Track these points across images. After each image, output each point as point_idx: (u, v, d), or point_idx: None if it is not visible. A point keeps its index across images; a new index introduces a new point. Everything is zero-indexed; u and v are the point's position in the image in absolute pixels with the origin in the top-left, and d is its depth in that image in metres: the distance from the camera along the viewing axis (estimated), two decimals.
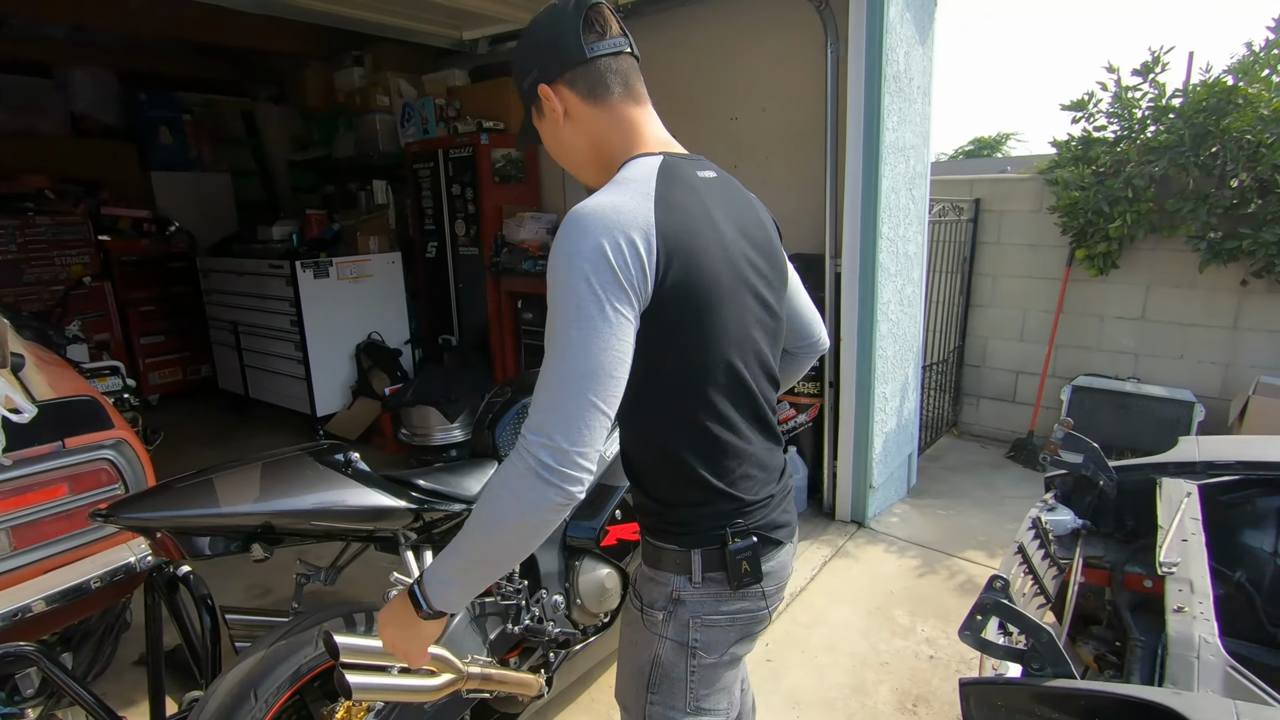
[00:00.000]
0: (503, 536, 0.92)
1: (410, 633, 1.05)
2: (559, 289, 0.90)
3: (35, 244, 5.07)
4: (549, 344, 0.91)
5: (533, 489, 0.87)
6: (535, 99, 1.05)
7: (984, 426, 4.94)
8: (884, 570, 3.00)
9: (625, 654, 1.17)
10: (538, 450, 0.87)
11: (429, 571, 1.00)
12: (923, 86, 3.29)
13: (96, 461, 1.66)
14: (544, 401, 0.89)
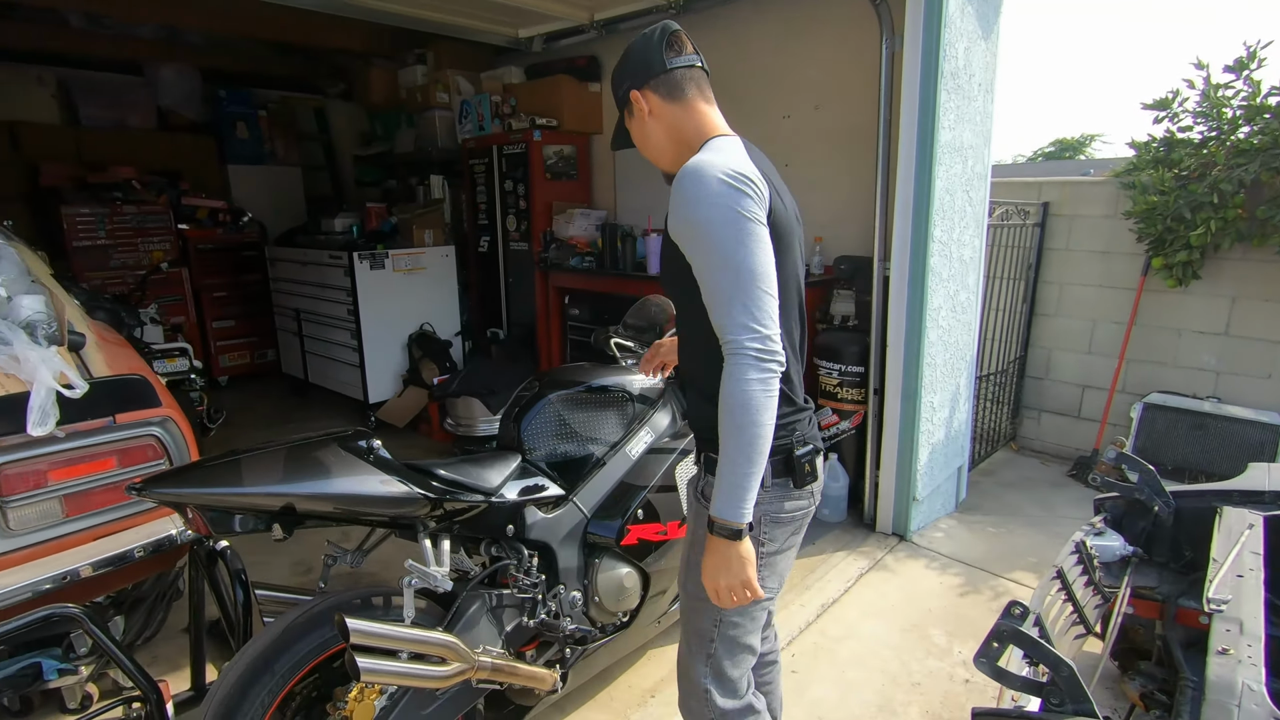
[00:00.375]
0: (759, 429, 1.12)
1: (738, 565, 1.18)
2: (704, 218, 1.12)
3: (122, 231, 5.41)
4: (710, 267, 1.13)
5: (760, 371, 1.11)
6: (628, 103, 1.34)
7: (1045, 442, 4.70)
8: (923, 586, 2.88)
9: (694, 547, 1.33)
10: (747, 342, 1.11)
11: (720, 505, 1.16)
12: (985, 84, 3.14)
13: (144, 437, 1.76)
14: (733, 305, 1.11)
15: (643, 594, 2.07)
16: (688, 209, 1.14)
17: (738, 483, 1.15)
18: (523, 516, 1.83)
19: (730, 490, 1.15)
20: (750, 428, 1.12)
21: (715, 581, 1.21)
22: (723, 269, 1.12)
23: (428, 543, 1.63)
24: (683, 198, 1.15)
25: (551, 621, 1.82)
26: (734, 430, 1.13)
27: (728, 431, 1.14)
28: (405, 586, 1.52)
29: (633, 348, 2.50)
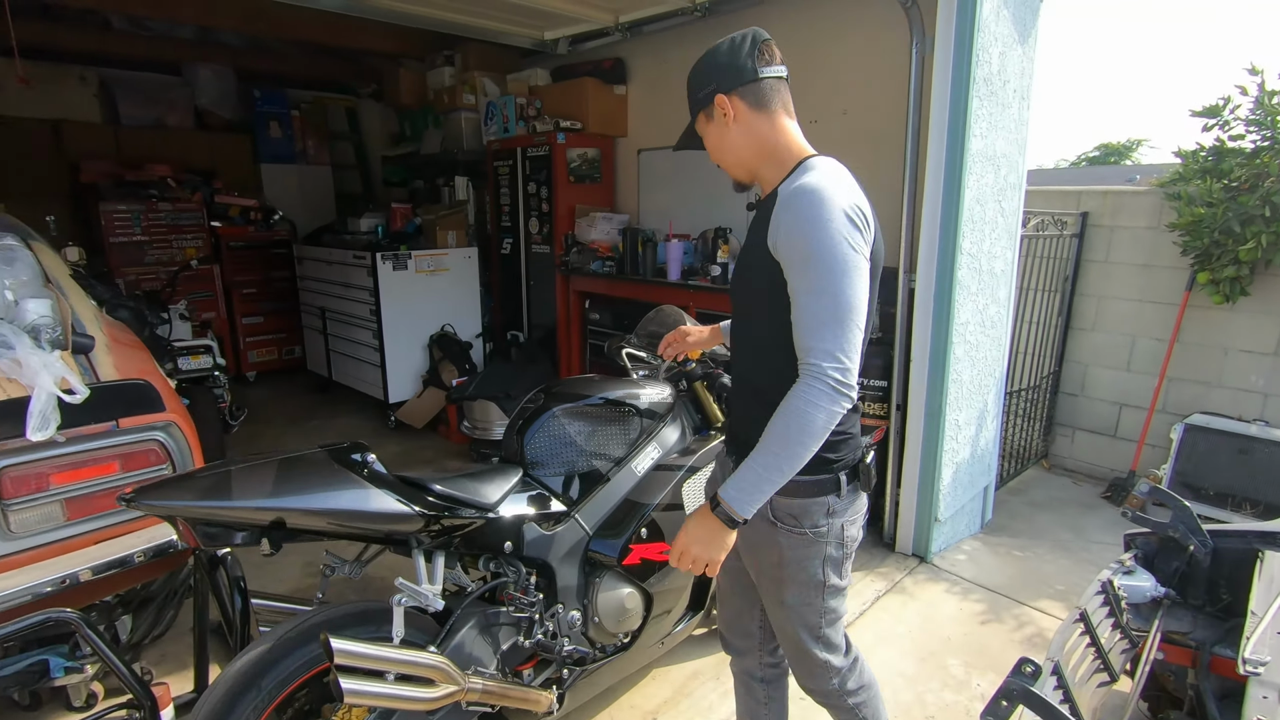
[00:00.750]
0: (806, 447, 1.20)
1: (717, 546, 1.28)
2: (817, 244, 1.16)
3: (156, 228, 5.54)
4: (811, 290, 1.18)
5: (833, 401, 1.17)
6: (708, 106, 1.33)
7: (1078, 461, 4.52)
8: (943, 612, 2.78)
9: (792, 570, 1.41)
10: (831, 370, 1.17)
11: (733, 491, 1.23)
12: (1020, 90, 3.02)
13: (147, 442, 1.76)
14: (828, 332, 1.17)
15: (645, 615, 2.01)
16: (805, 230, 1.18)
17: (761, 485, 1.23)
18: (522, 533, 1.79)
19: (752, 486, 1.23)
20: (799, 447, 1.20)
21: (690, 548, 1.29)
22: (823, 295, 1.17)
23: (421, 559, 1.60)
24: (800, 218, 1.18)
25: (548, 642, 1.78)
26: (783, 442, 1.20)
27: (777, 439, 1.20)
28: (395, 605, 1.49)
29: (645, 358, 2.44)
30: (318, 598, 1.77)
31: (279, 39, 5.71)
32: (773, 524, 1.39)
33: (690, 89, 1.36)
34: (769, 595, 1.48)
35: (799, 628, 1.46)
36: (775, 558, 1.41)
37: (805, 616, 1.45)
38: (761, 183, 1.39)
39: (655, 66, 4.49)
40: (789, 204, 1.20)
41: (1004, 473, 4.17)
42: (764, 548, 1.43)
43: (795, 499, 1.36)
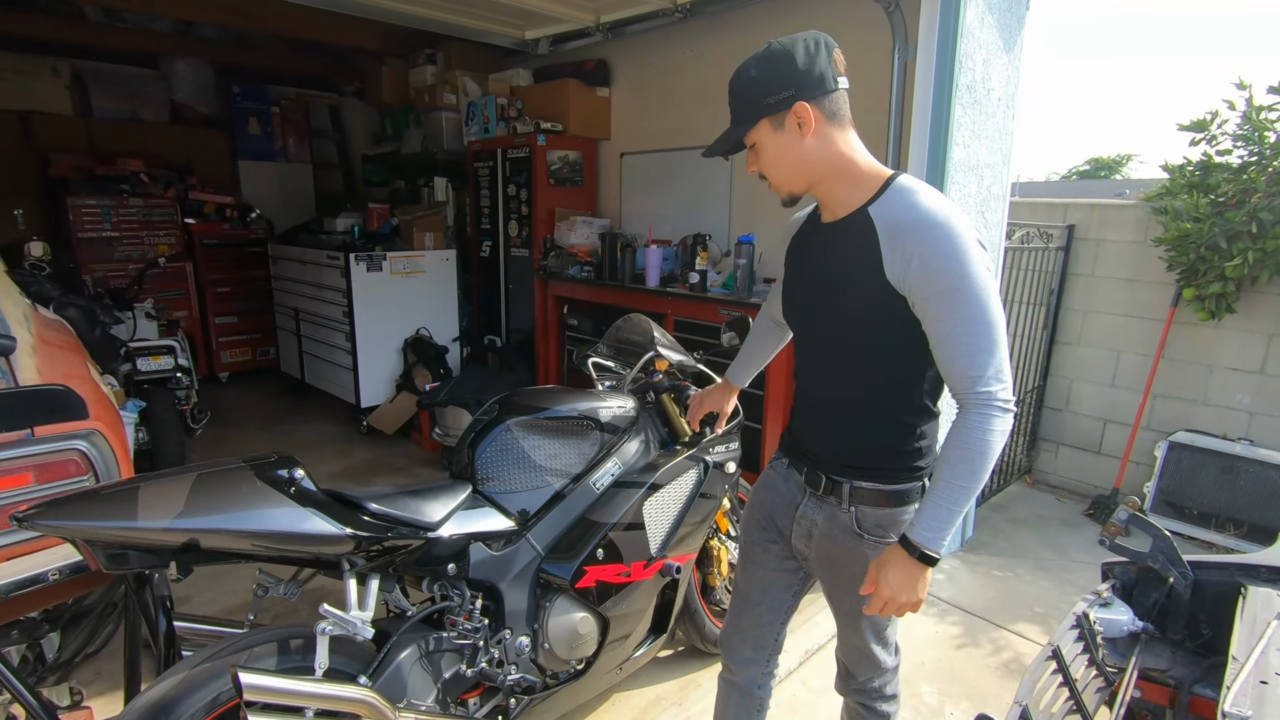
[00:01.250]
0: (987, 471, 1.21)
1: (920, 587, 1.27)
2: (963, 277, 1.16)
3: (128, 224, 5.40)
4: (964, 320, 1.17)
5: (1005, 422, 1.19)
6: (781, 112, 1.24)
7: (1062, 477, 4.46)
8: (916, 635, 2.68)
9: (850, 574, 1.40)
10: (999, 393, 1.18)
11: (926, 532, 1.23)
12: (1005, 99, 2.95)
13: (66, 452, 1.64)
14: (988, 359, 1.17)
15: (600, 640, 1.91)
16: (948, 263, 1.16)
17: (950, 518, 1.23)
18: (467, 554, 1.69)
19: (942, 522, 1.23)
20: (981, 474, 1.21)
21: (895, 596, 1.26)
22: (976, 324, 1.17)
23: (353, 583, 1.49)
24: (940, 251, 1.17)
25: (492, 670, 1.67)
26: (966, 472, 1.20)
27: (957, 471, 1.20)
28: (319, 634, 1.38)
29: (612, 368, 2.35)
30: (249, 620, 1.67)
31: (259, 33, 5.60)
32: (858, 536, 1.39)
33: (753, 91, 1.25)
34: (844, 606, 1.48)
35: (869, 634, 1.48)
36: (859, 570, 1.38)
37: (879, 623, 1.48)
38: (827, 199, 1.33)
39: (639, 69, 4.41)
40: (919, 235, 1.18)
41: (986, 489, 4.09)
42: (846, 561, 1.42)
43: (884, 509, 1.37)
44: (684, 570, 2.12)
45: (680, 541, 2.07)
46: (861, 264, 1.24)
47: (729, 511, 2.42)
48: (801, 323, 1.45)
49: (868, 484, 1.37)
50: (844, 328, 1.32)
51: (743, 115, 1.27)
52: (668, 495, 2.04)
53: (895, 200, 1.24)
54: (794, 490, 1.50)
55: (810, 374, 1.45)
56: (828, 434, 1.42)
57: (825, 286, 1.34)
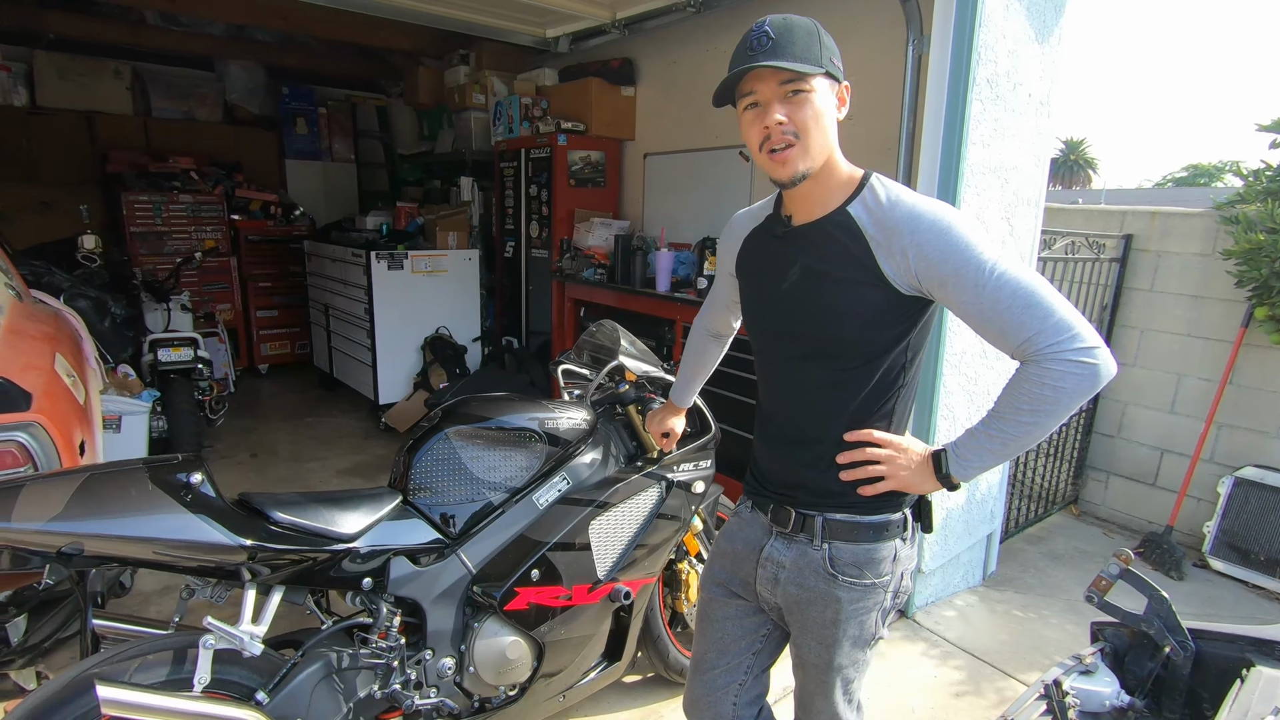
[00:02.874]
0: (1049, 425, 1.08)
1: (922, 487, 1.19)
2: (965, 240, 1.08)
3: (177, 219, 5.64)
4: (987, 282, 1.06)
5: (1082, 372, 1.03)
6: (835, 79, 1.15)
7: (1111, 509, 4.08)
8: (912, 677, 2.46)
9: (847, 626, 1.26)
10: (1067, 340, 1.02)
11: (964, 453, 1.13)
12: (1038, 95, 2.68)
13: (4, 443, 1.65)
14: (1037, 307, 1.04)
15: (535, 666, 1.80)
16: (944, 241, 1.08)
17: (994, 455, 1.12)
18: (386, 568, 1.61)
19: (985, 453, 1.12)
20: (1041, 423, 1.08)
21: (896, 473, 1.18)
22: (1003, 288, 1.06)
23: (252, 594, 1.43)
24: (933, 234, 1.09)
25: (403, 694, 1.59)
26: (1027, 413, 1.07)
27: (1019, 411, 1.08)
28: (201, 648, 1.32)
29: (586, 375, 2.24)
30: (174, 622, 1.63)
31: (305, 35, 5.76)
32: (831, 576, 1.25)
33: (822, 44, 1.12)
34: (810, 656, 1.32)
35: (838, 688, 1.33)
36: (830, 615, 1.26)
37: (848, 676, 1.33)
38: (810, 194, 1.20)
39: (663, 68, 4.28)
40: (908, 227, 1.10)
41: (1023, 517, 3.78)
42: (815, 604, 1.27)
43: (861, 544, 1.24)
44: (640, 595, 1.99)
45: (633, 565, 1.94)
46: (853, 264, 1.15)
47: (700, 533, 2.27)
48: (772, 332, 1.30)
49: (843, 515, 1.24)
50: (831, 335, 1.20)
51: (808, 54, 1.10)
52: (619, 515, 1.91)
53: (874, 197, 1.16)
54: (758, 533, 1.35)
55: (782, 393, 1.30)
56: (800, 461, 1.27)
57: (807, 288, 1.20)
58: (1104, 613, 1.45)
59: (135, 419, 3.16)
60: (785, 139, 1.12)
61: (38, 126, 5.47)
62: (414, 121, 6.54)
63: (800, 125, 1.11)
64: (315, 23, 4.89)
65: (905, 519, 1.26)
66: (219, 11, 4.88)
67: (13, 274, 2.37)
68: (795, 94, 1.11)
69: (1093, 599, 1.47)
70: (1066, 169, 43.64)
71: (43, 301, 2.60)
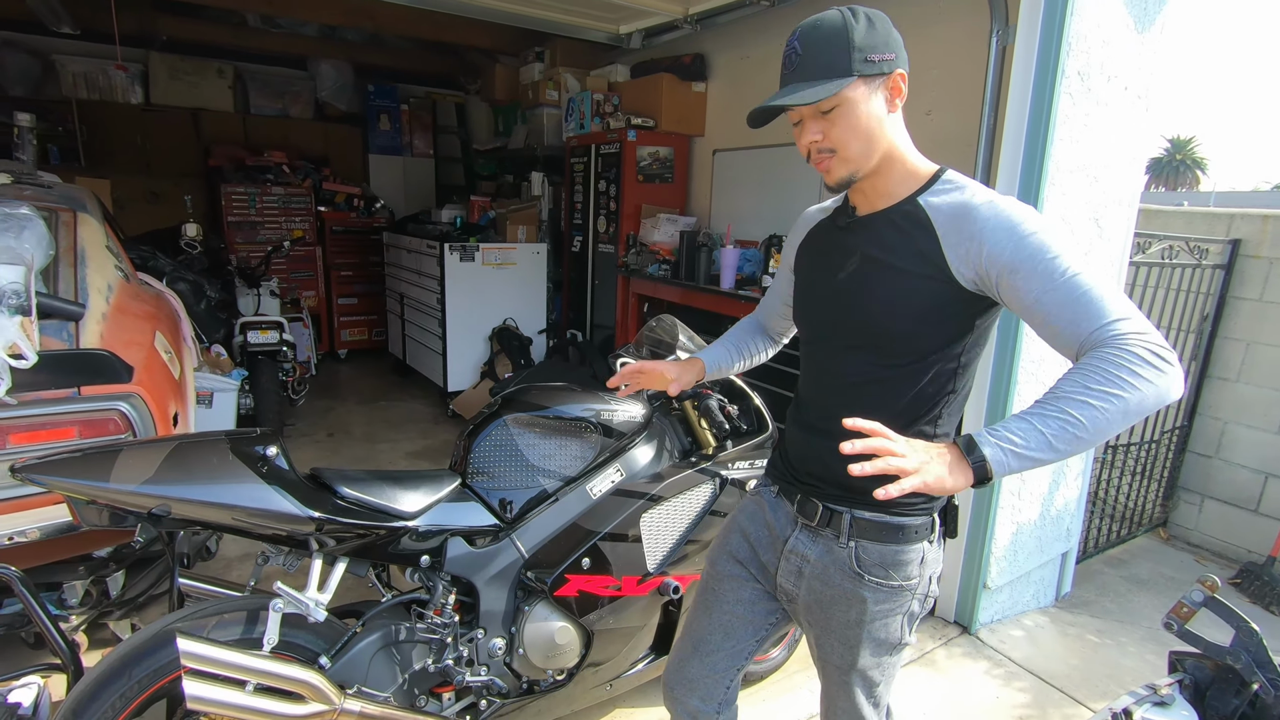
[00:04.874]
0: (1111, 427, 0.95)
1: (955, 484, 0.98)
2: (1037, 227, 1.04)
3: (269, 210, 5.99)
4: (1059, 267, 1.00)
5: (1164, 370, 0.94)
6: (883, 77, 1.10)
7: (1205, 535, 3.80)
8: (973, 699, 2.36)
9: (873, 628, 1.24)
10: (1150, 334, 0.96)
11: (1002, 441, 0.96)
12: (1136, 89, 2.51)
13: (108, 411, 1.80)
14: (1130, 304, 0.99)
15: (583, 653, 1.82)
16: (1016, 228, 1.04)
17: (1037, 448, 0.96)
18: (444, 547, 1.66)
19: (1026, 446, 0.96)
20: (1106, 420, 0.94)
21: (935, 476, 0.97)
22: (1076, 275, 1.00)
23: (318, 564, 1.51)
24: (1003, 222, 1.05)
25: (455, 669, 1.64)
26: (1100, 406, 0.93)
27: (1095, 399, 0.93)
28: (270, 610, 1.41)
29: None
30: (250, 585, 1.74)
31: (390, 34, 6.00)
32: (857, 575, 1.22)
33: (857, 42, 1.07)
34: (833, 657, 1.29)
35: (862, 693, 1.31)
36: (855, 615, 1.24)
37: (872, 680, 1.30)
38: (875, 187, 1.18)
39: (735, 63, 4.24)
40: (979, 215, 1.07)
41: (1103, 537, 3.57)
42: (840, 603, 1.25)
43: (890, 545, 1.21)
44: (690, 591, 1.99)
45: (683, 560, 1.94)
46: (916, 252, 1.12)
47: None
48: (823, 322, 1.27)
49: (872, 514, 1.21)
50: (882, 327, 1.16)
51: (834, 67, 1.07)
52: (671, 509, 1.92)
53: (948, 189, 1.14)
54: (784, 522, 1.34)
55: (823, 384, 1.28)
56: (833, 453, 1.14)
57: (864, 278, 1.18)
58: (1184, 642, 1.35)
59: (225, 396, 3.38)
60: (821, 156, 1.14)
61: (151, 123, 5.92)
62: (489, 117, 6.71)
63: (836, 141, 1.11)
64: (400, 22, 5.09)
65: (934, 522, 1.23)
66: (313, 12, 5.14)
67: (122, 257, 2.56)
68: (828, 111, 1.10)
69: (1172, 626, 1.37)
70: (1171, 169, 40.76)
71: (147, 283, 2.81)
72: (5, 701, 1.61)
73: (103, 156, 5.71)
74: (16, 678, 1.70)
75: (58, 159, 5.48)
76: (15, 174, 2.51)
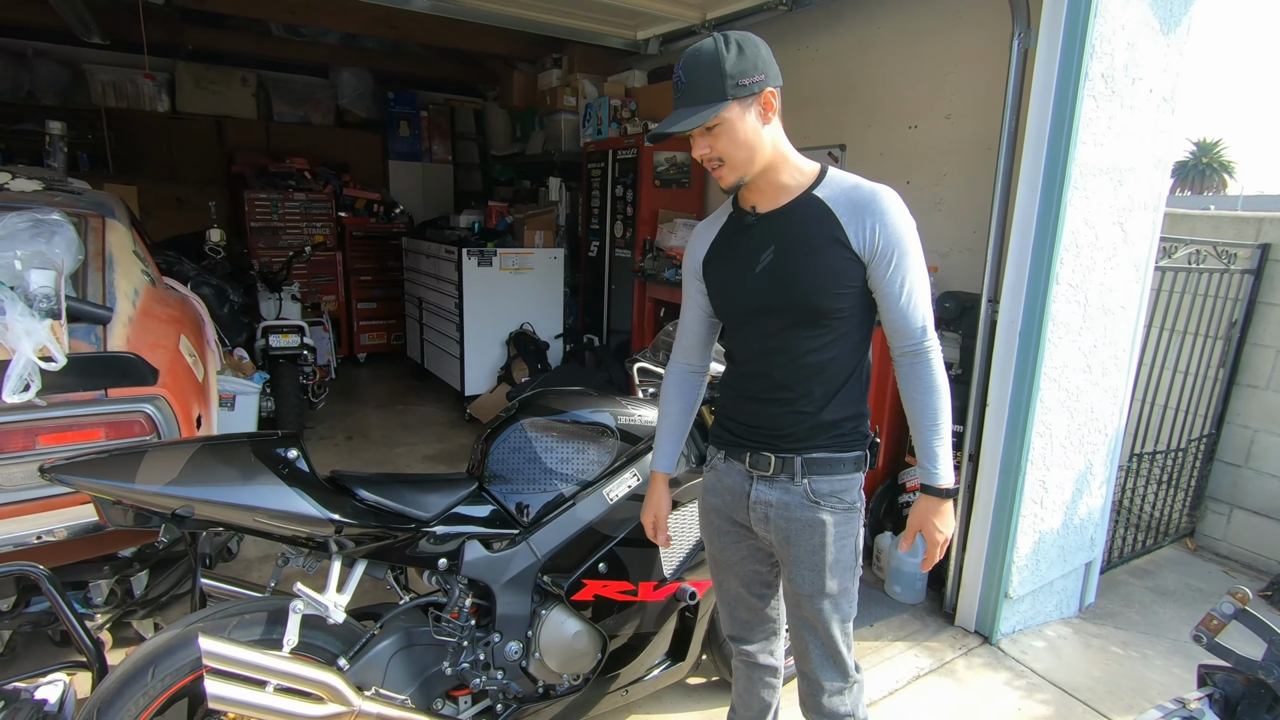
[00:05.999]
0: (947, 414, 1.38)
1: (951, 516, 1.42)
2: (913, 236, 1.32)
3: (291, 215, 6.07)
4: (918, 277, 1.33)
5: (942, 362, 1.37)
6: (755, 95, 1.28)
7: (1234, 546, 3.71)
8: (994, 710, 2.32)
9: (836, 550, 1.42)
10: (934, 337, 1.37)
11: (944, 474, 1.36)
12: (1161, 91, 2.48)
13: (134, 413, 1.83)
14: (929, 310, 1.36)
15: (599, 658, 1.82)
16: (906, 223, 1.31)
17: (948, 454, 1.37)
18: (461, 550, 1.67)
19: (946, 460, 1.36)
20: (950, 409, 1.37)
21: (946, 533, 1.40)
22: (923, 279, 1.34)
23: (337, 566, 1.53)
24: (899, 213, 1.31)
25: (471, 673, 1.64)
26: (944, 412, 1.35)
27: (939, 413, 1.35)
28: (290, 612, 1.42)
29: (660, 373, 2.25)
30: (270, 586, 1.76)
31: (410, 42, 6.07)
32: (814, 503, 1.41)
33: (729, 70, 1.25)
34: (804, 587, 1.45)
35: (833, 621, 1.46)
36: (819, 540, 1.42)
37: (842, 606, 1.47)
38: (769, 186, 1.36)
39: None
40: (876, 207, 1.30)
41: (1128, 547, 3.50)
42: (804, 532, 1.42)
43: (835, 476, 1.42)
44: (707, 597, 1.98)
45: (700, 566, 1.93)
46: (826, 237, 1.32)
47: None
48: (752, 309, 1.42)
49: (822, 454, 1.41)
50: (811, 303, 1.34)
51: (712, 93, 1.25)
52: (688, 515, 1.91)
53: (839, 183, 1.35)
54: (739, 479, 1.50)
55: (768, 359, 1.42)
56: (784, 414, 1.42)
57: (785, 262, 1.35)
58: (1214, 655, 1.32)
59: (247, 399, 3.43)
60: (712, 164, 1.32)
61: (177, 130, 6.04)
62: (507, 123, 6.76)
63: (721, 152, 1.29)
64: (420, 30, 5.15)
65: (866, 456, 1.45)
66: (334, 21, 5.21)
67: (148, 262, 2.61)
68: (711, 129, 1.28)
69: (1201, 639, 1.34)
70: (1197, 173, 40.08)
71: (172, 287, 2.86)
72: (32, 698, 1.64)
73: (130, 163, 5.83)
74: (43, 675, 1.73)
75: (87, 165, 5.60)
76: (46, 180, 2.57)
